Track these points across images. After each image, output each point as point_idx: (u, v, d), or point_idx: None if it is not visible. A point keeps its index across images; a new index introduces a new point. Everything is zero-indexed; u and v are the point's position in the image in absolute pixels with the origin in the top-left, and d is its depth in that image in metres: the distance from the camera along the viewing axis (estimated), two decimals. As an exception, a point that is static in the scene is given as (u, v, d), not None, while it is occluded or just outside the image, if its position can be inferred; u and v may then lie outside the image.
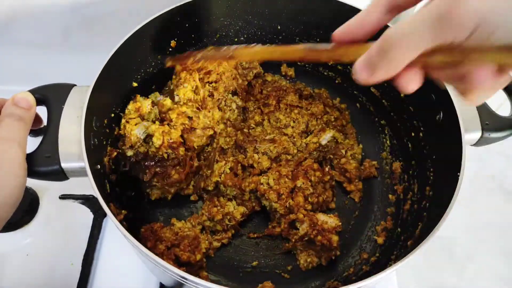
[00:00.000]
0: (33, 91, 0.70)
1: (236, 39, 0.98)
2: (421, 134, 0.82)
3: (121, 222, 0.60)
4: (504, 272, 0.96)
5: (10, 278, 0.85)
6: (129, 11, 0.92)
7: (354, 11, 0.85)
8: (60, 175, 0.65)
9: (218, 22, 0.92)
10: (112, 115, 0.79)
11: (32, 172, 0.64)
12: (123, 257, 0.87)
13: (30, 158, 0.64)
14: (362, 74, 0.39)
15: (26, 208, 0.91)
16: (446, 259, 0.97)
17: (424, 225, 0.71)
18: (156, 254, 0.56)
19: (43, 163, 0.64)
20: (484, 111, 0.74)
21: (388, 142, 0.94)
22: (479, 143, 0.74)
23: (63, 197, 0.90)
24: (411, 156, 0.86)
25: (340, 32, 0.44)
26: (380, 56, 0.37)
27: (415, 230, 0.73)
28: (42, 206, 0.95)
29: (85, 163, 0.62)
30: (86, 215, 0.91)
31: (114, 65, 0.74)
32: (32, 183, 0.94)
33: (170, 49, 0.90)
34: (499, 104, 0.97)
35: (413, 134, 0.85)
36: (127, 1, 0.91)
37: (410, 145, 0.87)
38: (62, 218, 0.93)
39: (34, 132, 0.79)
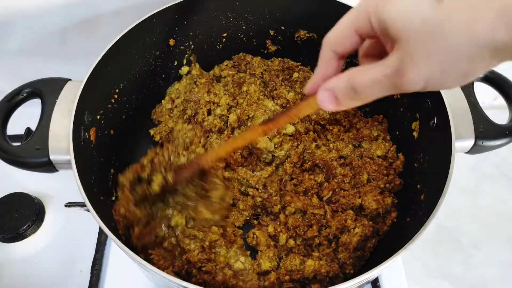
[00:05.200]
0: (28, 85, 0.72)
1: (239, 41, 0.98)
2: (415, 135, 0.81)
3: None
4: (511, 259, 0.96)
5: (20, 288, 0.86)
6: (127, 11, 0.91)
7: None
8: (49, 167, 0.67)
9: (217, 20, 0.92)
10: (109, 106, 0.81)
11: (22, 164, 0.66)
12: (132, 262, 0.87)
13: (21, 150, 0.66)
14: (330, 105, 0.44)
15: (33, 218, 0.91)
16: (452, 248, 0.98)
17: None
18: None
19: (33, 155, 0.66)
20: (479, 118, 0.72)
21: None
22: (472, 151, 0.71)
23: (69, 205, 0.91)
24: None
25: (310, 88, 0.47)
26: (348, 94, 0.42)
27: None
28: (48, 215, 0.95)
29: (71, 157, 0.63)
30: (93, 222, 0.90)
31: (109, 60, 0.76)
32: (37, 192, 0.96)
33: (170, 47, 0.91)
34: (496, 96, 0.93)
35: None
36: (124, 1, 0.91)
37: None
38: (69, 225, 0.94)
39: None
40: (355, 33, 0.42)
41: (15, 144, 0.68)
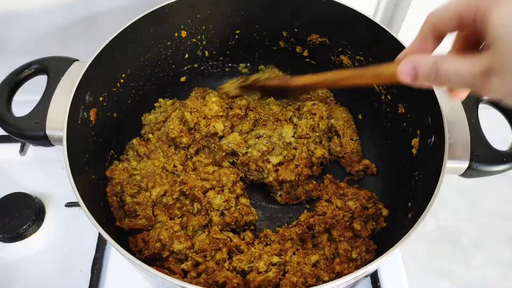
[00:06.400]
0: (37, 61, 0.75)
1: (251, 39, 0.98)
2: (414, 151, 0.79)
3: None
4: (511, 259, 0.95)
5: (20, 288, 0.87)
6: (127, 12, 0.90)
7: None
8: (45, 141, 0.70)
9: (231, 17, 0.93)
10: (114, 89, 0.83)
11: (20, 134, 0.70)
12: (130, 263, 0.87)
13: (20, 121, 0.69)
14: (407, 78, 0.45)
15: (33, 218, 0.92)
16: (452, 248, 0.98)
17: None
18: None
19: (31, 128, 0.70)
20: (478, 141, 0.69)
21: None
22: (466, 174, 0.69)
23: (69, 204, 0.93)
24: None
25: (400, 58, 0.49)
26: (428, 75, 0.43)
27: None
28: (49, 215, 0.96)
29: (63, 133, 0.66)
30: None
31: (117, 45, 0.78)
32: (37, 192, 0.97)
33: (182, 39, 0.92)
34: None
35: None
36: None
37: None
38: (69, 225, 0.94)
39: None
40: (457, 18, 0.42)
41: (18, 116, 0.71)
